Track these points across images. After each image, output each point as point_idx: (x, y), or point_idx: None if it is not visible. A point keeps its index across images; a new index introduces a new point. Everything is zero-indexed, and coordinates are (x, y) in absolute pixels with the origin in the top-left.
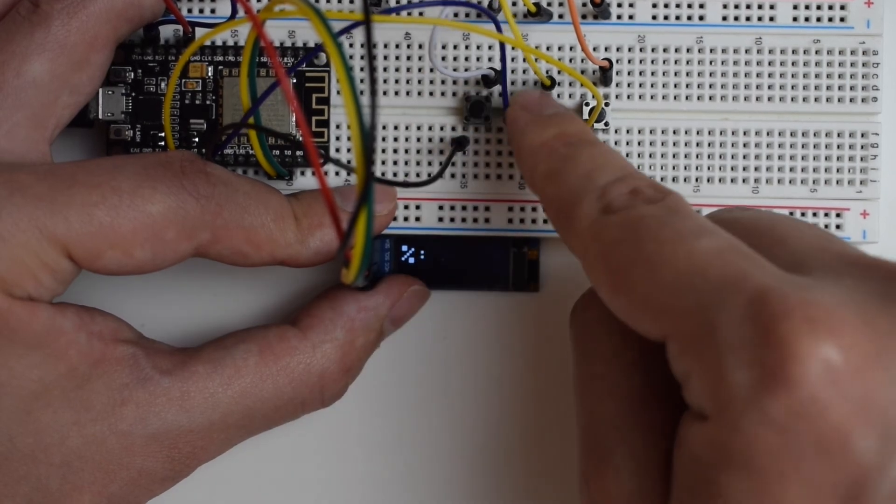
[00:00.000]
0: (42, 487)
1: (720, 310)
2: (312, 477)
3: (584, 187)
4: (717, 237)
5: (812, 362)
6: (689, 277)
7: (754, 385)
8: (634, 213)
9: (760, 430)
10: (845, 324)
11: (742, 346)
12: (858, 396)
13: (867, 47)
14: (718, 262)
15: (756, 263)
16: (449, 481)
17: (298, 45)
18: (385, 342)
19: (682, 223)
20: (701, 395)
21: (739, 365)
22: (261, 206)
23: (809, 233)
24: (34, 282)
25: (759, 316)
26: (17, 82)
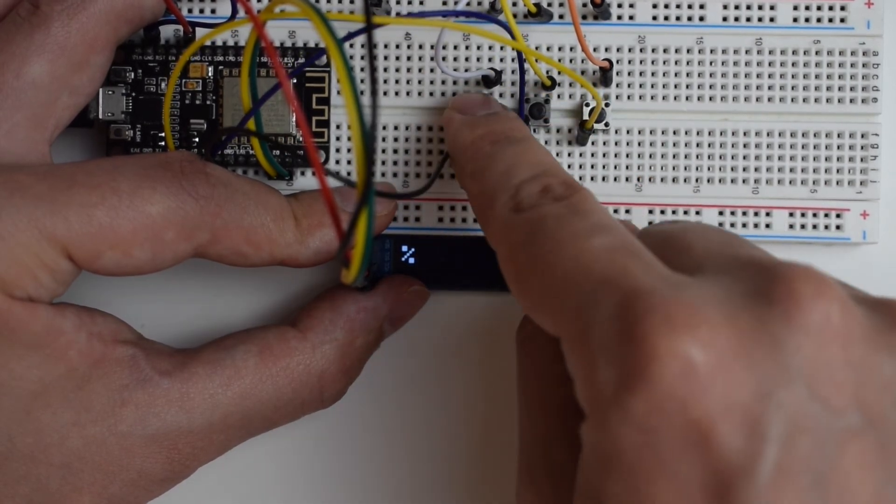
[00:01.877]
0: (42, 488)
1: (595, 309)
2: (312, 477)
3: (500, 186)
4: (610, 236)
5: (669, 359)
6: (574, 277)
7: (617, 384)
8: (538, 213)
9: (624, 429)
10: (706, 321)
11: (608, 345)
12: (719, 393)
13: (867, 48)
14: (603, 261)
15: (641, 263)
16: (449, 481)
17: (299, 46)
18: (385, 343)
19: (579, 223)
20: (580, 394)
21: (606, 363)
22: (260, 206)
23: (716, 238)
24: (34, 282)
25: (626, 315)
26: (16, 83)
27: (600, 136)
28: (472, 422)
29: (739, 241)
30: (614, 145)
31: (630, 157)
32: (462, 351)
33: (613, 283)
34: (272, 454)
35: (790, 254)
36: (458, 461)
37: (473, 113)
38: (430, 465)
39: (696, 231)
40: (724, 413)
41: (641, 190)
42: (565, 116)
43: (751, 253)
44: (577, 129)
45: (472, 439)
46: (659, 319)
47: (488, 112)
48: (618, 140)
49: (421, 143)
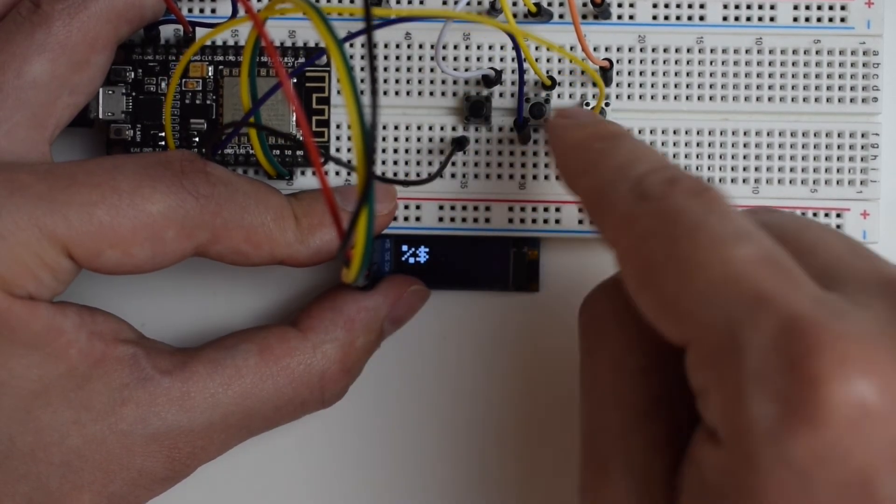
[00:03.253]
0: (42, 487)
1: (749, 330)
2: (313, 477)
3: (619, 176)
4: (756, 245)
5: (841, 404)
6: (721, 287)
7: (777, 421)
8: (671, 204)
9: (778, 468)
10: (880, 361)
11: (768, 375)
12: (886, 439)
13: (867, 47)
14: (753, 275)
15: (792, 280)
16: (449, 481)
17: (299, 45)
18: (385, 342)
19: (721, 225)
20: (717, 415)
21: (763, 396)
22: (261, 205)
23: (838, 243)
24: (34, 281)
25: (789, 346)
26: (17, 82)
27: None
28: (473, 421)
29: (866, 250)
30: None
31: None
32: (462, 351)
33: (769, 304)
34: (272, 454)
35: None
36: (458, 461)
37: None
38: (430, 464)
39: (815, 230)
40: (888, 460)
41: None
42: None
43: (888, 267)
44: None
45: (472, 439)
46: (831, 358)
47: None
48: None
49: (421, 143)
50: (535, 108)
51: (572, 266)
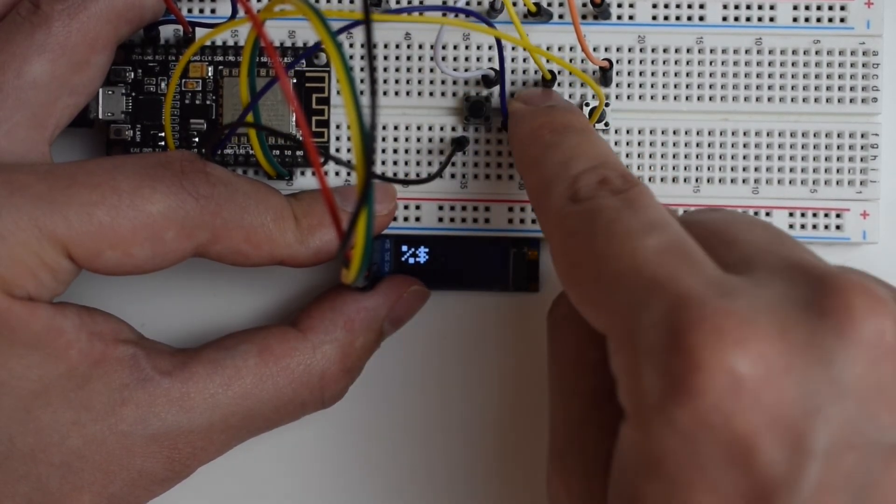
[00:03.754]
0: (42, 487)
1: (644, 312)
2: (313, 478)
3: (558, 175)
4: (665, 234)
5: (716, 373)
6: (626, 276)
7: (662, 392)
8: (594, 205)
9: (668, 436)
10: (757, 334)
11: (655, 351)
12: (765, 408)
13: (867, 48)
14: (654, 262)
15: (693, 265)
16: (449, 481)
17: (299, 45)
18: (385, 343)
19: (633, 219)
20: (623, 395)
21: (651, 371)
22: (260, 205)
23: (762, 233)
24: (34, 281)
25: (673, 323)
26: (17, 83)
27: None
28: (473, 421)
29: (788, 240)
30: (614, 145)
31: (630, 157)
32: (462, 351)
33: (663, 288)
34: (272, 454)
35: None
36: (458, 460)
37: (535, 105)
38: (430, 464)
39: (742, 223)
40: (768, 427)
41: None
42: None
43: (802, 256)
44: None
45: (472, 438)
46: (707, 331)
47: (551, 104)
48: (618, 140)
49: (421, 143)
50: None
51: None
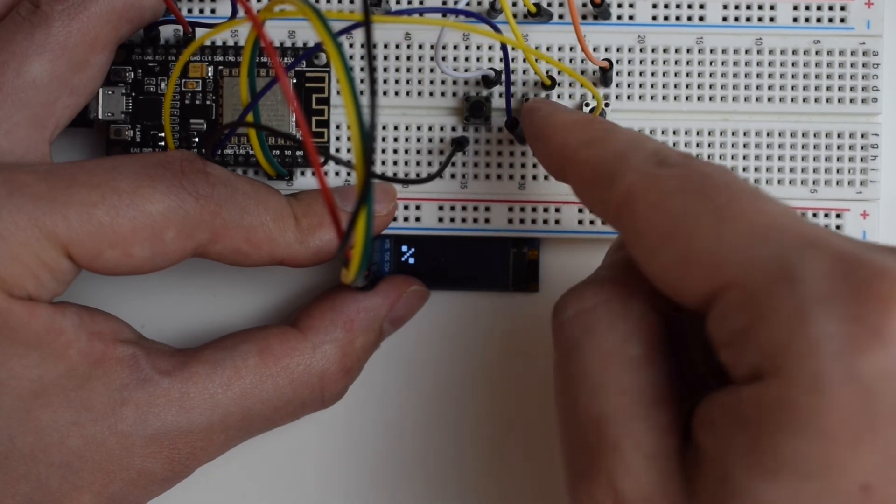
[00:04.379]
0: (42, 487)
1: (803, 263)
2: (312, 478)
3: (633, 148)
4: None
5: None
6: (766, 230)
7: (845, 339)
8: (697, 168)
9: (844, 388)
10: None
11: (831, 299)
12: None
13: (867, 48)
14: (794, 222)
15: (830, 232)
16: (449, 481)
17: (298, 46)
18: (385, 343)
19: (747, 185)
20: (767, 348)
21: (828, 317)
22: (260, 206)
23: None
24: (34, 281)
25: (852, 273)
26: (17, 83)
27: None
28: (473, 421)
29: None
30: None
31: None
32: (462, 351)
33: (819, 242)
34: (272, 454)
35: None
36: (458, 460)
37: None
38: (430, 464)
39: None
40: None
41: None
42: None
43: None
44: None
45: (472, 438)
46: (892, 281)
47: None
48: None
49: (421, 143)
50: None
51: (572, 266)
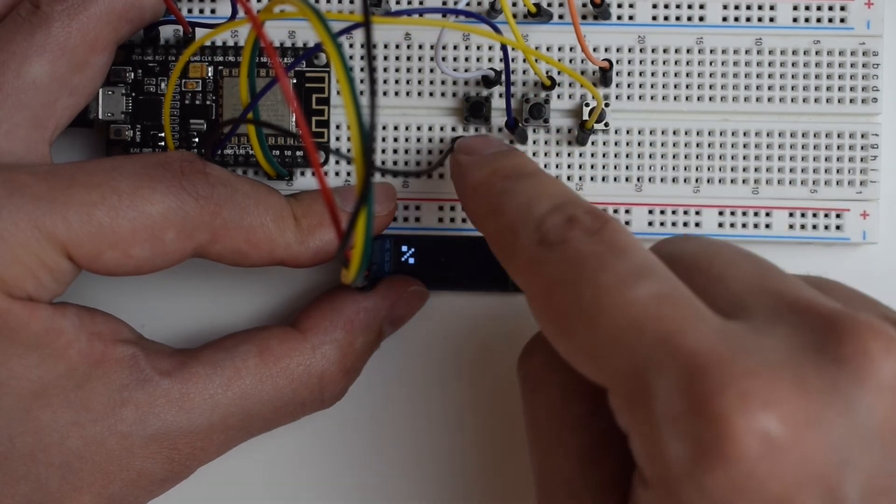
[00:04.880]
0: (42, 487)
1: (655, 375)
2: (312, 478)
3: (521, 219)
4: (656, 281)
5: (748, 438)
6: (625, 333)
7: (691, 460)
8: (573, 251)
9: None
10: (780, 392)
11: (677, 417)
12: (798, 466)
13: (867, 48)
14: (655, 314)
15: (692, 315)
16: (449, 481)
17: (298, 46)
18: (385, 343)
19: (620, 265)
20: (640, 457)
21: (675, 437)
22: (260, 206)
23: (748, 269)
24: (34, 282)
25: (693, 386)
26: (17, 83)
27: (600, 137)
28: (473, 422)
29: (774, 271)
30: (614, 145)
31: (630, 157)
32: (462, 351)
33: (671, 344)
34: (272, 454)
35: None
36: (458, 461)
37: (479, 153)
38: (430, 465)
39: (724, 256)
40: (802, 485)
41: (641, 190)
42: (565, 116)
43: (796, 293)
44: (577, 129)
45: (472, 439)
46: (732, 395)
47: (495, 150)
48: (618, 140)
49: (421, 143)
50: (535, 109)
51: None
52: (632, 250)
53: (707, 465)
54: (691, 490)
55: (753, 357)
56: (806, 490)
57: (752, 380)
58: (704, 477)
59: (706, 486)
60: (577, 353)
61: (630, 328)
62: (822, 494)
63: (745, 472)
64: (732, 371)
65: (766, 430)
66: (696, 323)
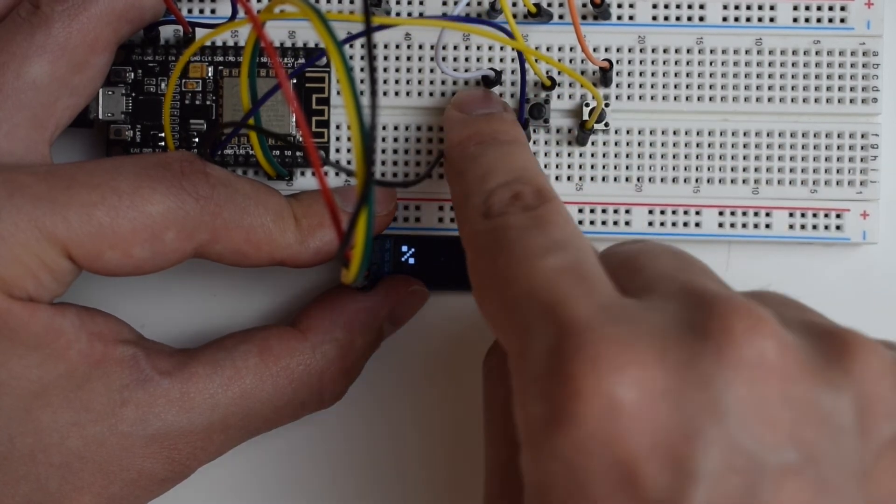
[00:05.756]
0: (42, 488)
1: (532, 338)
2: (312, 478)
3: (475, 189)
4: (565, 255)
5: (593, 399)
6: (522, 299)
7: (544, 420)
8: (502, 222)
9: (552, 464)
10: (635, 359)
11: (538, 379)
12: (645, 432)
13: (867, 48)
14: (550, 284)
15: (587, 288)
16: (449, 481)
17: (299, 46)
18: (385, 343)
19: (537, 238)
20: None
21: (535, 398)
22: (260, 206)
23: (669, 261)
24: (34, 282)
25: (557, 349)
26: (17, 84)
27: (600, 137)
28: (473, 421)
29: (695, 266)
30: (614, 145)
31: (630, 157)
32: (462, 351)
33: (553, 312)
34: (272, 454)
35: (790, 254)
36: (458, 461)
37: (471, 111)
38: (430, 465)
39: (652, 252)
40: (650, 452)
41: (641, 190)
42: (565, 116)
43: (700, 282)
44: (577, 129)
45: (472, 439)
46: (586, 358)
47: (485, 111)
48: (618, 140)
49: (421, 144)
50: (535, 109)
51: None
52: (555, 226)
53: (556, 425)
54: (545, 450)
55: (623, 327)
56: (652, 457)
57: (609, 344)
58: (554, 436)
59: (555, 446)
60: (490, 319)
61: (526, 295)
62: (670, 463)
63: (590, 433)
64: (594, 337)
65: (613, 393)
66: (585, 295)
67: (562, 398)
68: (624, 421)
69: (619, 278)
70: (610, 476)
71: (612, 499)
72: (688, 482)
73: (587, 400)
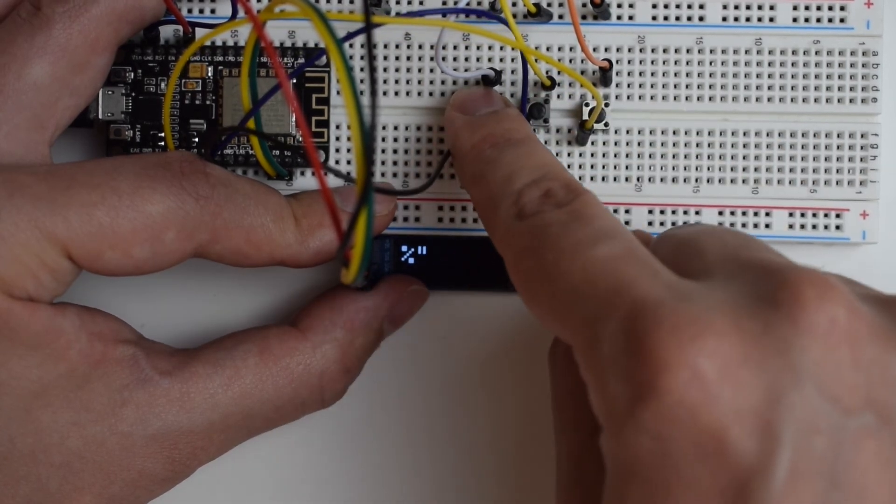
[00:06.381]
0: (42, 488)
1: (604, 322)
2: (313, 478)
3: (502, 191)
4: (614, 243)
5: (677, 370)
6: (581, 288)
7: (629, 397)
8: (540, 220)
9: (639, 440)
10: (711, 330)
11: (617, 359)
12: (729, 399)
13: (867, 48)
14: (609, 270)
15: (647, 271)
16: (449, 481)
17: (299, 46)
18: (385, 342)
19: (582, 230)
20: (595, 407)
21: (616, 378)
22: (260, 206)
23: (731, 241)
24: (34, 282)
25: (632, 328)
26: (17, 85)
27: (600, 136)
28: (473, 421)
29: (755, 244)
30: (614, 145)
31: (630, 157)
32: (462, 351)
33: (620, 295)
34: (273, 454)
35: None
36: (458, 461)
37: (474, 112)
38: (430, 464)
39: (711, 234)
40: (735, 418)
41: (641, 190)
42: (565, 116)
43: (762, 256)
44: (577, 129)
45: (472, 438)
46: (665, 331)
47: (489, 110)
48: (618, 140)
49: (421, 143)
50: (535, 109)
51: None
52: (596, 218)
53: (641, 400)
54: (631, 427)
55: (694, 303)
56: (738, 423)
57: (685, 317)
58: (640, 411)
59: (642, 421)
60: (545, 316)
61: (585, 284)
62: (755, 428)
63: (675, 403)
64: (668, 311)
65: (695, 363)
66: (647, 277)
67: (644, 373)
68: (708, 389)
69: (676, 262)
70: (697, 445)
71: (700, 468)
72: (773, 445)
73: (671, 371)
